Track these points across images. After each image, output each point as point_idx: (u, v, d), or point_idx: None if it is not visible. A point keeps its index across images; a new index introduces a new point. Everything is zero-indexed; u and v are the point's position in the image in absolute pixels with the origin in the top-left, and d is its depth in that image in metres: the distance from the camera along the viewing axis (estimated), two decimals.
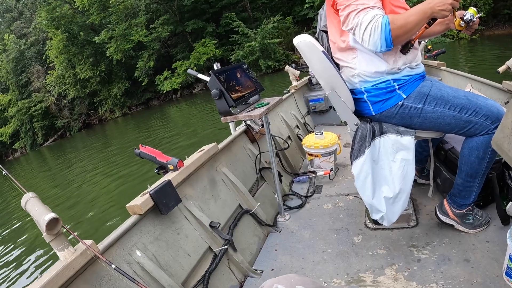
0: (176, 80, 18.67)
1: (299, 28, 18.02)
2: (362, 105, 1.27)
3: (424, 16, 1.03)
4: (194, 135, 7.74)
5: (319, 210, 1.81)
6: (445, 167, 1.53)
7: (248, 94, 1.51)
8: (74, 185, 7.13)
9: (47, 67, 23.92)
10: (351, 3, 1.08)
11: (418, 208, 1.57)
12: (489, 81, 2.02)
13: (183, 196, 1.33)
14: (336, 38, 1.26)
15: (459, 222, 1.32)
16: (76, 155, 12.22)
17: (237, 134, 1.94)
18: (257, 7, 19.88)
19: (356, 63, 1.22)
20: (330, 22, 1.29)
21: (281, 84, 10.56)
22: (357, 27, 1.08)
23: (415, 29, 1.05)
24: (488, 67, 7.02)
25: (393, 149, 1.20)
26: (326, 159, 2.16)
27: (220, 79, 1.38)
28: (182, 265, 1.17)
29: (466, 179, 1.22)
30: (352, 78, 1.26)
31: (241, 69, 1.60)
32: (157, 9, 20.24)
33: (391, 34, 1.03)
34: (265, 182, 1.96)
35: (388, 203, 1.22)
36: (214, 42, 18.62)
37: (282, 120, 2.63)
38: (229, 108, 1.38)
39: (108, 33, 19.61)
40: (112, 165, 7.45)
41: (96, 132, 18.54)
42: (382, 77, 1.19)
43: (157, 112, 16.91)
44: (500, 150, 0.70)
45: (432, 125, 1.20)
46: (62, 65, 21.89)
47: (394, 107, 1.20)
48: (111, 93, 21.49)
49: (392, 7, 1.13)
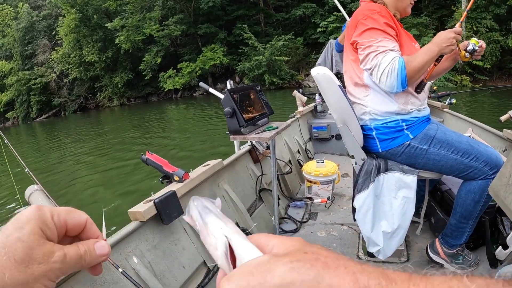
0: (180, 80, 18.72)
1: (308, 51, 18.25)
2: (370, 142, 1.31)
3: (432, 54, 1.11)
4: (187, 139, 7.64)
5: (313, 236, 1.83)
6: (440, 207, 1.58)
7: (258, 116, 1.54)
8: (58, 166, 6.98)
9: (55, 43, 23.89)
10: (372, 44, 1.13)
11: (410, 244, 1.60)
12: (490, 127, 2.09)
13: (184, 208, 1.34)
14: (352, 73, 1.30)
15: (448, 262, 1.36)
16: (67, 135, 12.04)
17: (242, 153, 1.96)
18: (271, 22, 20.12)
19: (368, 101, 1.26)
20: (346, 57, 1.33)
21: (281, 104, 10.62)
22: (375, 68, 1.13)
23: (425, 67, 1.12)
24: (487, 113, 7.13)
25: (396, 186, 1.25)
26: (324, 187, 2.18)
27: (234, 98, 1.40)
28: (176, 276, 1.17)
29: (460, 220, 1.26)
30: (362, 115, 1.31)
31: (254, 90, 1.63)
32: (173, 7, 20.41)
33: (407, 75, 1.10)
34: (263, 203, 1.97)
35: (386, 237, 1.26)
36: (223, 49, 18.76)
37: (285, 144, 2.66)
38: (240, 128, 1.39)
39: (121, 21, 19.70)
40: (102, 154, 7.37)
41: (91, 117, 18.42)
42: (391, 117, 1.24)
43: (155, 108, 16.89)
44: (496, 197, 0.74)
45: (434, 166, 1.24)
46: (70, 44, 21.89)
47: (401, 146, 1.24)
48: (113, 81, 21.49)
49: (408, 53, 1.19)
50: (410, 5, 1.30)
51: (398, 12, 1.29)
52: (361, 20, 1.18)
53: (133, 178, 4.85)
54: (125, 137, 9.32)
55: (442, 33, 1.13)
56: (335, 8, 17.79)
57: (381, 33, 1.13)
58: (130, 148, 7.42)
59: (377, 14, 1.16)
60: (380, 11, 1.17)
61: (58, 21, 23.18)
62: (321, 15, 18.19)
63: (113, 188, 4.63)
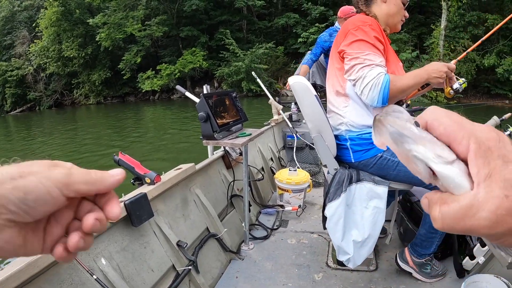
0: (158, 82, 18.54)
1: (288, 60, 18.37)
2: (344, 152, 1.33)
3: (420, 80, 1.13)
4: (162, 142, 7.49)
5: (283, 244, 1.85)
6: (409, 218, 1.63)
7: (232, 122, 1.56)
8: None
9: (34, 35, 23.27)
10: (359, 56, 1.14)
11: (379, 253, 1.64)
12: None
13: (155, 211, 1.32)
14: (335, 82, 1.31)
15: (417, 271, 1.40)
16: (41, 131, 11.68)
17: (215, 158, 1.96)
18: (253, 29, 20.18)
19: (347, 112, 1.28)
20: (332, 65, 1.34)
21: (258, 111, 10.61)
22: (360, 80, 1.14)
23: (409, 90, 1.14)
24: None
25: (367, 196, 1.27)
26: (296, 196, 2.21)
27: (209, 103, 1.42)
28: (145, 279, 1.17)
29: (430, 230, 1.31)
30: (339, 125, 1.32)
31: (230, 96, 1.65)
32: (157, 8, 20.23)
33: (389, 93, 1.11)
34: (234, 209, 1.99)
35: (356, 246, 1.28)
36: (203, 53, 18.69)
37: (259, 151, 2.68)
38: (213, 133, 1.41)
39: (103, 18, 19.37)
40: (74, 152, 7.20)
41: (66, 114, 18.03)
42: (367, 129, 1.26)
43: (132, 109, 16.67)
44: None
45: (406, 178, 1.26)
46: (49, 37, 21.33)
47: (373, 157, 1.27)
48: (91, 79, 21.06)
49: (394, 71, 1.22)
50: (401, 22, 1.32)
51: (388, 28, 1.31)
52: (351, 30, 1.19)
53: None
54: (100, 136, 9.16)
55: (436, 63, 1.15)
56: (317, 20, 18.00)
57: (369, 46, 1.14)
58: (104, 147, 7.31)
59: (369, 27, 1.17)
60: (371, 24, 1.18)
61: (40, 13, 22.60)
62: (303, 25, 18.37)
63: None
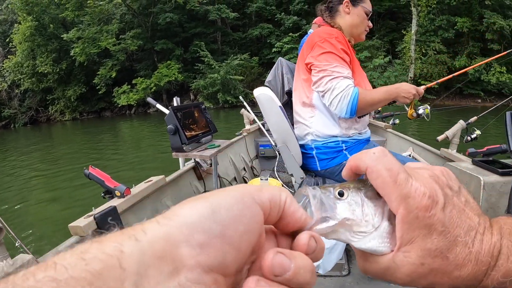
0: (134, 96, 18.48)
1: (263, 70, 18.60)
2: (310, 160, 1.36)
3: (389, 97, 1.19)
4: (138, 156, 7.52)
5: None
6: None
7: (201, 134, 1.59)
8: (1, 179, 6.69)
9: (8, 50, 22.89)
10: (327, 68, 1.17)
11: (351, 258, 1.65)
12: (429, 146, 2.25)
13: (126, 223, 1.32)
14: (301, 93, 1.33)
15: None
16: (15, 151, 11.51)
17: (186, 170, 1.97)
18: (228, 41, 20.37)
19: (313, 122, 1.30)
20: (298, 76, 1.35)
21: (235, 122, 10.69)
22: (329, 91, 1.17)
23: (378, 105, 1.20)
24: (432, 132, 7.45)
25: None
26: None
27: (177, 116, 1.43)
28: None
29: None
30: (305, 135, 1.35)
31: (199, 108, 1.68)
32: (131, 21, 20.21)
33: (358, 105, 1.15)
34: None
35: (325, 252, 1.31)
36: (178, 66, 18.75)
37: (231, 161, 2.69)
38: (182, 145, 1.43)
39: (77, 33, 19.21)
40: (49, 168, 7.08)
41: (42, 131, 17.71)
42: (332, 138, 1.29)
43: (108, 124, 16.53)
44: None
45: None
46: (23, 52, 21.00)
47: (339, 165, 1.29)
48: (66, 94, 20.82)
49: (360, 81, 1.26)
50: (365, 32, 1.35)
51: (353, 38, 1.34)
52: (318, 43, 1.21)
53: (80, 191, 4.74)
54: (76, 152, 9.08)
55: (407, 85, 1.22)
56: (291, 29, 18.32)
57: (337, 59, 1.17)
58: (79, 163, 7.20)
59: (335, 39, 1.20)
60: (337, 37, 1.21)
61: (14, 28, 22.25)
62: (277, 35, 18.67)
63: (59, 203, 4.58)
